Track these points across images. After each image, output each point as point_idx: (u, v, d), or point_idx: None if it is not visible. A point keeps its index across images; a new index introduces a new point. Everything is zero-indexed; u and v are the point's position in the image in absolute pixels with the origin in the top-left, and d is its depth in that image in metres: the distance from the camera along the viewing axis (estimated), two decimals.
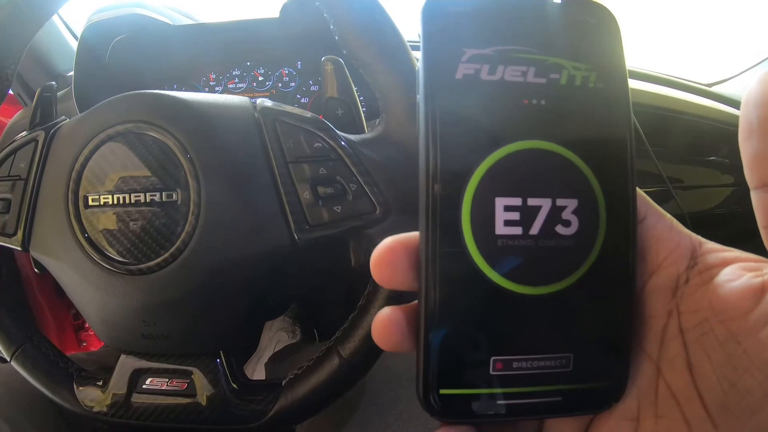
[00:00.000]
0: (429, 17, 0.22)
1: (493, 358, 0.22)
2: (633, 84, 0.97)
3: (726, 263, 0.21)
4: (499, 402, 0.22)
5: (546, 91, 0.22)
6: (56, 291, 1.09)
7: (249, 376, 0.47)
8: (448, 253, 0.21)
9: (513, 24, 0.22)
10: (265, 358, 0.94)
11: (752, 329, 0.19)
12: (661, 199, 0.94)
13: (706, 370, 0.21)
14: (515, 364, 0.22)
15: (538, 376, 0.22)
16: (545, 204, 0.21)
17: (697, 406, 0.21)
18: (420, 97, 0.21)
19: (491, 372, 0.22)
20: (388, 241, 0.23)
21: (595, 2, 0.23)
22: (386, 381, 0.60)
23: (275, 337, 1.02)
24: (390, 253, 0.22)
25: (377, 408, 0.58)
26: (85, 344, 1.21)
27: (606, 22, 0.23)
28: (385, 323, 0.23)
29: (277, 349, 0.97)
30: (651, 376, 0.23)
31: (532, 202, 0.21)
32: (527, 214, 0.21)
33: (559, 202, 0.22)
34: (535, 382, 0.22)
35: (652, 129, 0.88)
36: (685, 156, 0.98)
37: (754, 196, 0.19)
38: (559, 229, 0.22)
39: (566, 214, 0.22)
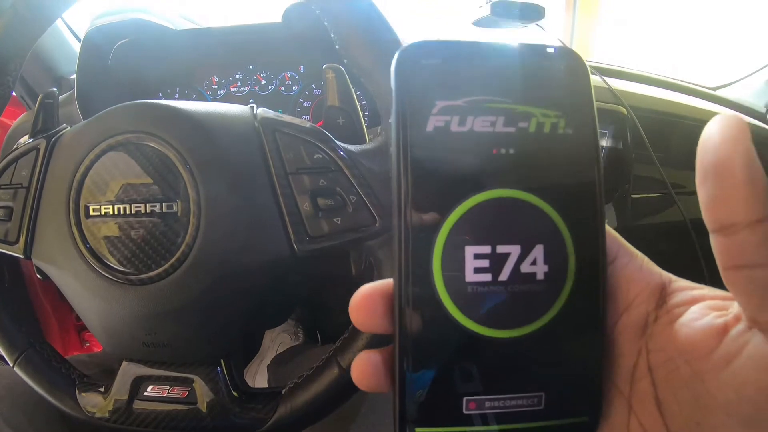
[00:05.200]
0: (401, 70, 0.22)
1: (465, 398, 0.22)
2: (637, 88, 0.98)
3: (693, 302, 0.22)
4: None
5: (515, 139, 0.22)
6: (59, 292, 1.09)
7: (251, 379, 0.47)
8: (420, 299, 0.22)
9: (482, 74, 0.23)
10: (267, 361, 0.95)
11: (715, 369, 0.20)
12: (664, 204, 0.94)
13: (674, 408, 0.21)
14: (488, 404, 0.22)
15: (510, 414, 0.23)
16: (514, 251, 0.22)
17: None
18: (392, 149, 0.22)
19: (464, 411, 0.22)
20: (364, 289, 0.24)
21: (563, 47, 0.24)
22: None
23: (278, 339, 1.02)
24: (366, 300, 0.23)
25: (376, 416, 0.58)
26: (88, 344, 1.21)
27: (574, 67, 0.23)
28: (362, 366, 0.23)
29: (279, 352, 0.97)
30: (623, 412, 0.23)
31: (501, 249, 0.22)
32: (496, 261, 0.22)
33: (528, 248, 0.22)
34: (508, 420, 0.23)
35: (655, 134, 0.88)
36: (688, 161, 0.98)
37: (713, 240, 0.19)
38: (528, 274, 0.22)
39: (535, 260, 0.22)
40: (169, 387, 0.45)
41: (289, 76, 0.84)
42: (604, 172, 0.23)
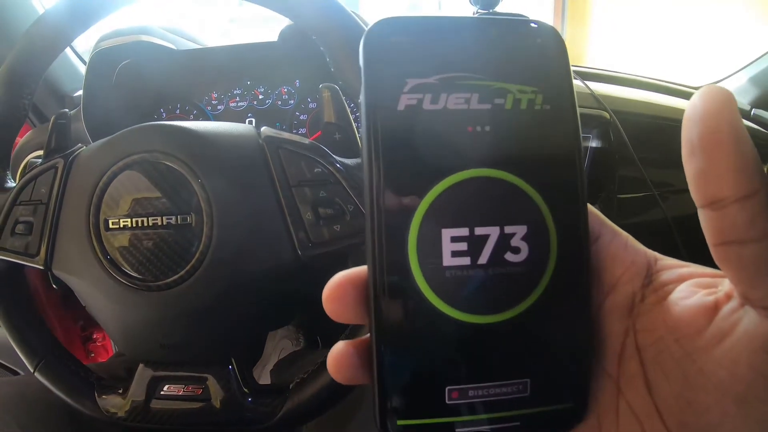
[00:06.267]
0: (369, 48, 0.21)
1: (448, 388, 0.21)
2: (623, 92, 1.00)
3: (681, 280, 0.21)
4: (457, 430, 0.22)
5: (490, 116, 0.21)
6: (64, 304, 1.11)
7: None
8: (396, 285, 0.21)
9: (456, 50, 0.22)
10: (270, 366, 0.96)
11: (706, 348, 0.19)
12: (649, 204, 0.97)
13: (664, 388, 0.21)
14: (471, 393, 0.22)
15: (495, 402, 0.22)
16: (493, 232, 0.21)
17: (657, 424, 0.21)
18: (362, 130, 0.21)
19: (447, 401, 0.21)
20: (336, 278, 0.23)
21: (540, 22, 0.23)
22: None
23: (279, 344, 1.04)
24: (338, 289, 0.22)
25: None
26: (92, 355, 1.23)
27: (552, 42, 0.22)
28: (337, 358, 0.22)
29: (281, 357, 0.99)
30: (611, 395, 0.22)
31: (479, 231, 0.21)
32: (475, 244, 0.21)
33: (508, 229, 0.21)
34: (493, 409, 0.22)
35: (642, 136, 0.91)
36: (677, 160, 1.00)
37: (701, 215, 0.19)
38: (509, 256, 0.21)
39: (515, 241, 0.21)
40: (183, 386, 0.48)
41: (286, 90, 0.87)
42: (589, 173, 0.24)
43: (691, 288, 0.21)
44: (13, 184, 0.51)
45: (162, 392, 0.49)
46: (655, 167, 0.93)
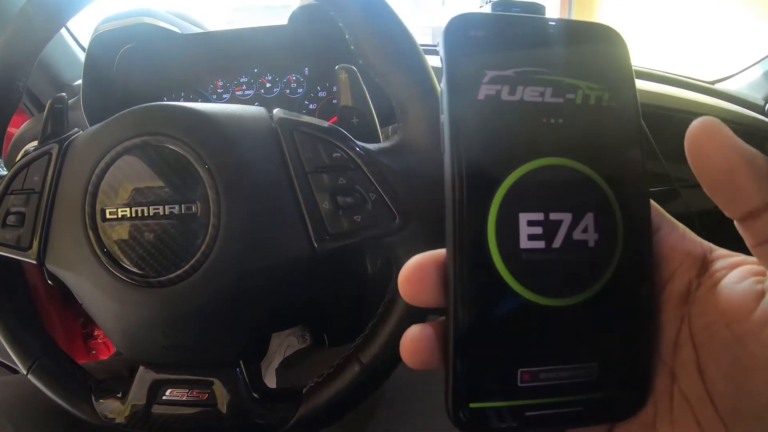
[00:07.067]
0: (451, 41, 0.23)
1: (520, 370, 0.22)
2: (638, 84, 0.98)
3: (733, 267, 0.22)
4: (527, 413, 0.22)
5: (563, 110, 0.23)
6: (64, 300, 1.09)
7: None
8: (475, 268, 0.22)
9: (531, 46, 0.23)
10: (275, 364, 0.95)
11: (755, 330, 0.20)
12: (668, 198, 0.94)
13: (715, 373, 0.21)
14: (542, 375, 0.22)
15: (564, 386, 0.23)
16: (566, 218, 0.22)
17: (709, 410, 0.21)
18: (444, 117, 0.22)
19: (519, 384, 0.22)
20: (417, 258, 0.23)
21: (606, 25, 0.24)
22: (402, 386, 0.60)
23: (285, 342, 1.02)
24: (419, 270, 0.23)
25: (393, 413, 0.58)
26: (94, 352, 1.21)
27: (616, 44, 0.24)
28: (414, 341, 0.23)
29: (287, 354, 0.97)
30: (666, 382, 0.23)
31: (553, 216, 0.22)
32: (549, 228, 0.22)
33: (579, 215, 0.23)
34: (562, 393, 0.23)
35: (657, 129, 0.89)
36: None
37: (738, 227, 0.21)
38: (580, 242, 0.23)
39: (586, 227, 0.23)
40: (188, 390, 0.45)
41: (294, 78, 0.84)
42: None
43: (743, 273, 0.22)
44: (6, 172, 0.48)
45: (164, 397, 0.45)
46: (668, 161, 0.91)
